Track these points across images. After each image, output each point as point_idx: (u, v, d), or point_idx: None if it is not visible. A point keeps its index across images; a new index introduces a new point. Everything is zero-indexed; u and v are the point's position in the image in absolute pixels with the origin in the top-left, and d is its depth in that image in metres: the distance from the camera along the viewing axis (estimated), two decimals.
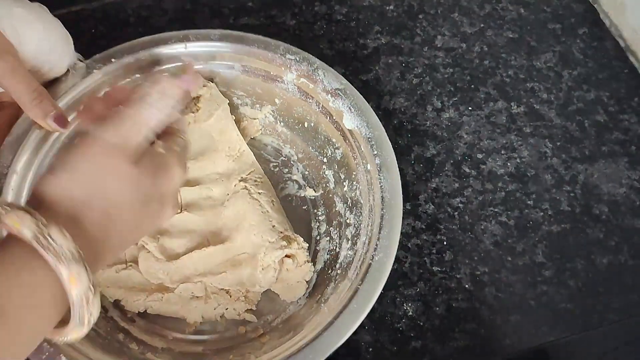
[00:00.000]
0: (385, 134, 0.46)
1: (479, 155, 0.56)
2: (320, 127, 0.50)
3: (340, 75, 0.49)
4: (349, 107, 0.47)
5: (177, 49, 0.50)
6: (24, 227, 0.29)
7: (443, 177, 0.55)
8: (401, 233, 0.51)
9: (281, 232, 0.46)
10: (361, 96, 0.48)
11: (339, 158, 0.49)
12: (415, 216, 0.52)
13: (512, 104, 0.60)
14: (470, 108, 0.59)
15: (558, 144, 0.57)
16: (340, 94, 0.48)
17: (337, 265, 0.45)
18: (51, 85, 0.47)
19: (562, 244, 0.52)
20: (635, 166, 0.56)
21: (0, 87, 0.43)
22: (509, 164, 0.56)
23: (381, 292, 0.48)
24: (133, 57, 0.49)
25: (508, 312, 0.48)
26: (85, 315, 0.31)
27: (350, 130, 0.47)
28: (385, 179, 0.44)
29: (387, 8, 0.66)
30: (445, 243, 0.51)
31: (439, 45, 0.63)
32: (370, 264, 0.41)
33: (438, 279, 0.49)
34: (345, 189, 0.48)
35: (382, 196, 0.44)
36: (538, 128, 0.58)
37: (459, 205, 0.53)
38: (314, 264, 0.47)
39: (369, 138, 0.46)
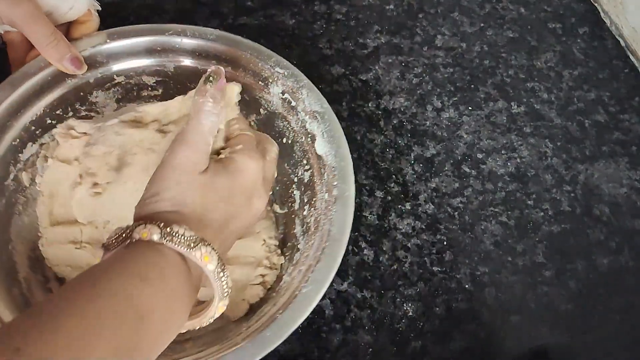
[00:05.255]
0: (352, 167, 0.45)
1: (479, 155, 0.56)
2: (296, 146, 0.49)
3: (324, 99, 0.48)
4: (322, 133, 0.46)
5: (172, 41, 0.50)
6: (153, 233, 0.33)
7: (443, 177, 0.55)
8: (401, 233, 0.51)
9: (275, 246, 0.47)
10: (338, 124, 0.46)
11: (306, 180, 0.47)
12: (415, 216, 0.52)
13: (513, 103, 0.59)
14: (470, 108, 0.59)
15: (558, 144, 0.57)
16: (318, 117, 0.47)
17: (277, 288, 0.44)
18: (75, 39, 0.49)
19: (562, 245, 0.52)
20: (635, 166, 0.56)
21: (20, 31, 0.45)
22: (509, 164, 0.56)
23: (381, 292, 0.48)
24: (130, 41, 0.50)
25: (508, 313, 0.48)
26: (224, 287, 0.34)
27: (320, 156, 0.46)
28: (337, 213, 0.43)
29: (387, 7, 0.66)
30: (445, 243, 0.51)
31: (439, 45, 0.63)
32: (296, 295, 0.39)
33: (438, 279, 0.49)
34: (305, 212, 0.47)
35: (329, 229, 0.42)
36: (538, 128, 0.58)
37: (459, 205, 0.53)
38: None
39: (333, 167, 0.45)
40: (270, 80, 0.49)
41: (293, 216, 0.48)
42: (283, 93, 0.49)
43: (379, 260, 0.50)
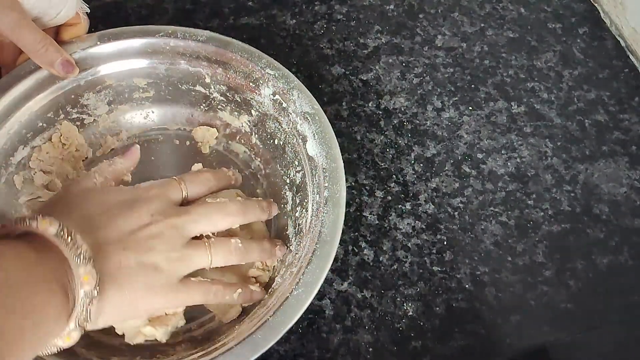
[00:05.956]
0: (343, 168, 0.45)
1: (479, 155, 0.56)
2: (288, 147, 0.49)
3: (315, 100, 0.48)
4: (314, 134, 0.46)
5: (163, 42, 0.50)
6: (52, 227, 0.32)
7: (443, 177, 0.55)
8: (401, 233, 0.51)
9: None
10: (329, 125, 0.47)
11: (298, 182, 0.48)
12: (416, 216, 0.52)
13: (513, 103, 0.60)
14: (470, 108, 0.59)
15: (558, 143, 0.57)
16: (309, 118, 0.47)
17: (270, 291, 0.44)
18: (64, 43, 0.49)
19: (562, 244, 0.52)
20: (635, 166, 0.56)
21: (8, 39, 0.45)
22: (509, 163, 0.56)
23: (381, 292, 0.48)
24: (120, 43, 0.50)
25: (508, 312, 0.48)
26: (78, 251, 0.33)
27: (311, 157, 0.46)
28: (328, 214, 0.42)
29: (388, 7, 0.66)
30: (445, 243, 0.51)
31: (439, 45, 0.63)
32: (287, 298, 0.39)
33: (438, 279, 0.49)
34: (297, 214, 0.46)
35: (320, 230, 0.42)
36: (538, 128, 0.58)
37: (459, 205, 0.53)
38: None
39: (324, 168, 0.45)
40: (261, 82, 0.49)
41: (285, 217, 0.48)
42: (274, 94, 0.49)
43: (379, 260, 0.50)
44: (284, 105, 0.48)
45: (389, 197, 0.53)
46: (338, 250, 0.45)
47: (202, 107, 0.53)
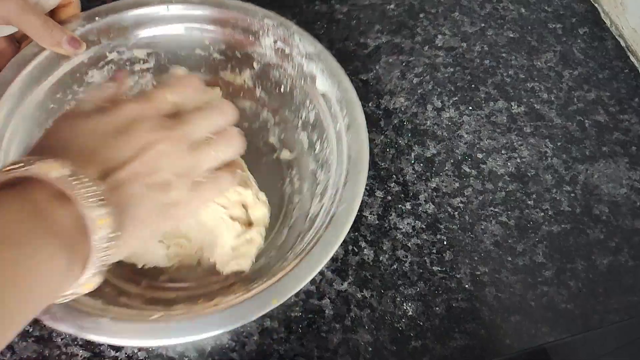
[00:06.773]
0: (356, 96, 0.47)
1: (479, 155, 0.56)
2: (296, 91, 0.51)
3: (316, 40, 0.50)
4: (322, 70, 0.48)
5: (158, 11, 0.51)
6: (54, 170, 0.29)
7: (443, 177, 0.55)
8: (401, 233, 0.51)
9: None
10: (335, 60, 0.49)
11: (312, 120, 0.50)
12: (416, 216, 0.52)
13: (513, 103, 0.60)
14: (470, 108, 0.59)
15: (558, 144, 0.57)
16: (314, 57, 0.49)
17: (307, 220, 0.46)
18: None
19: (562, 245, 0.52)
20: (635, 166, 0.56)
21: (14, 25, 0.46)
22: (509, 163, 0.56)
23: (381, 292, 0.48)
24: (117, 16, 0.50)
25: (508, 312, 0.48)
26: (104, 260, 0.31)
27: (323, 94, 0.48)
28: (353, 138, 0.45)
29: (388, 7, 0.66)
30: (445, 243, 0.51)
31: (439, 45, 0.63)
32: (334, 214, 0.42)
33: (438, 279, 0.49)
34: (317, 149, 0.49)
35: (348, 154, 0.44)
36: (538, 128, 0.58)
37: (459, 205, 0.53)
38: (289, 220, 0.48)
39: (339, 100, 0.47)
40: (261, 33, 0.51)
41: (304, 157, 0.51)
42: (275, 42, 0.50)
43: (379, 260, 0.50)
44: (287, 50, 0.50)
45: (389, 197, 0.53)
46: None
47: (201, 70, 0.54)
